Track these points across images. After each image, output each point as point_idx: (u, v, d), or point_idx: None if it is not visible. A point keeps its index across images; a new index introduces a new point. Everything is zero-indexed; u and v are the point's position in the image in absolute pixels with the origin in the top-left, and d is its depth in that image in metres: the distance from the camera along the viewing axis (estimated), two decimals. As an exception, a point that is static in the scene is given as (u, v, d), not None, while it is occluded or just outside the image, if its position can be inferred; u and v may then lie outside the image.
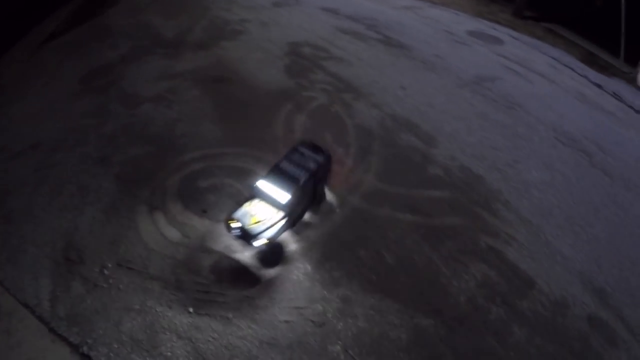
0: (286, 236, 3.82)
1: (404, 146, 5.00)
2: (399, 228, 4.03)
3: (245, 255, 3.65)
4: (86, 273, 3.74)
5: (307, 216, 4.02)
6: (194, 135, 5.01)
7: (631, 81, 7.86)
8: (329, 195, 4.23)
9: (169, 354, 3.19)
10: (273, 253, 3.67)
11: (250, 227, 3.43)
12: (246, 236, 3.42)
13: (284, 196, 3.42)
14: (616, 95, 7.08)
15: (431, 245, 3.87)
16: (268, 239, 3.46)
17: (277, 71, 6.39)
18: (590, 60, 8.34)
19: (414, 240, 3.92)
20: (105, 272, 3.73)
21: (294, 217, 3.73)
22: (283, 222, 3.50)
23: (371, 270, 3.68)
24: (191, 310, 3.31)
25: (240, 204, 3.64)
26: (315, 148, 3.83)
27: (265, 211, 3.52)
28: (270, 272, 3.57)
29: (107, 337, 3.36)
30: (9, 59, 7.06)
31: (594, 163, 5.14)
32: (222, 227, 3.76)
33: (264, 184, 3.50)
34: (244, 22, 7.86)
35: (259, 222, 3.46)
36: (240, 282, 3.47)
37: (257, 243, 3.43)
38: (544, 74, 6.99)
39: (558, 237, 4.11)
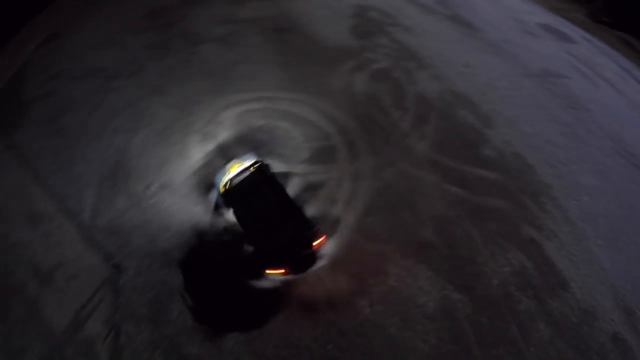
0: (334, 182, 3.80)
1: (461, 122, 4.78)
2: (445, 199, 3.90)
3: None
4: (131, 190, 3.79)
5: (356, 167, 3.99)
6: (252, 77, 4.99)
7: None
8: None
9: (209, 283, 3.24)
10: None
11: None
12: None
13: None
14: (682, 119, 6.67)
15: (473, 223, 3.73)
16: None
17: (342, 30, 6.21)
18: (660, 79, 7.85)
19: (457, 214, 3.78)
20: (149, 191, 3.77)
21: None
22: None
23: (410, 234, 3.60)
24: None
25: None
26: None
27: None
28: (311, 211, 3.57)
29: (140, 251, 3.41)
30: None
31: (649, 182, 4.86)
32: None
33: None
34: (312, -22, 7.65)
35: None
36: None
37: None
38: (612, 82, 6.58)
39: (600, 247, 3.86)
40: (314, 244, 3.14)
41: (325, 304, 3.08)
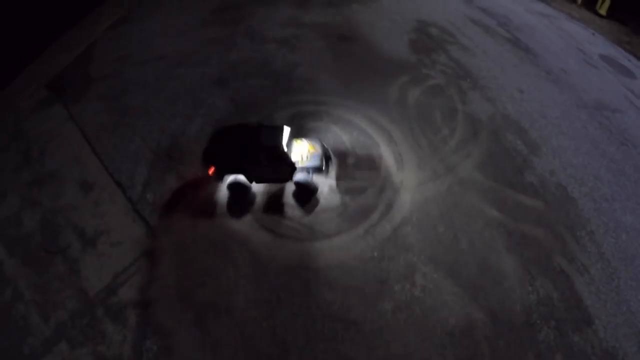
0: (376, 189, 3.95)
1: (508, 146, 4.76)
2: (482, 220, 3.93)
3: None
4: (182, 171, 4.02)
5: (400, 177, 4.09)
6: (310, 81, 5.18)
7: None
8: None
9: (238, 263, 3.40)
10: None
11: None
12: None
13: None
14: None
15: (507, 247, 3.74)
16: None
17: (401, 43, 6.30)
18: None
19: (492, 235, 3.80)
20: (199, 174, 3.98)
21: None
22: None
23: (443, 248, 3.66)
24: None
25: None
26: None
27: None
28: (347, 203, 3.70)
29: (183, 231, 3.61)
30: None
31: (692, 233, 4.67)
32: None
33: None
34: (378, -9, 7.75)
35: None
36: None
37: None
38: (669, 122, 6.34)
39: (632, 289, 3.76)
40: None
41: (350, 302, 3.18)
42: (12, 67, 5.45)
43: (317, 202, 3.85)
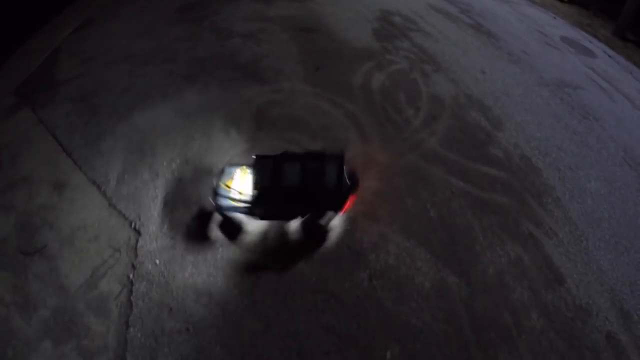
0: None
1: (472, 123, 4.95)
2: (449, 190, 4.07)
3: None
4: (155, 165, 4.08)
5: (366, 158, 4.21)
6: (277, 71, 5.26)
7: None
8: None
9: (219, 250, 3.49)
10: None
11: (223, 190, 3.25)
12: (215, 195, 3.26)
13: (251, 188, 3.07)
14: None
15: (475, 214, 3.90)
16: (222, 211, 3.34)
17: (365, 32, 6.48)
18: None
19: (460, 204, 3.95)
20: (173, 165, 4.06)
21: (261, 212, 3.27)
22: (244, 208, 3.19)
23: (413, 218, 3.78)
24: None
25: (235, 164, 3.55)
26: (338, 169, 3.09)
27: (244, 185, 3.24)
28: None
29: (160, 218, 3.68)
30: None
31: (658, 195, 4.91)
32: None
33: (259, 162, 3.11)
34: (341, -18, 7.98)
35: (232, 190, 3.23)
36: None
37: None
38: (630, 97, 6.62)
39: (599, 249, 3.96)
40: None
41: (326, 274, 3.29)
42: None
43: None
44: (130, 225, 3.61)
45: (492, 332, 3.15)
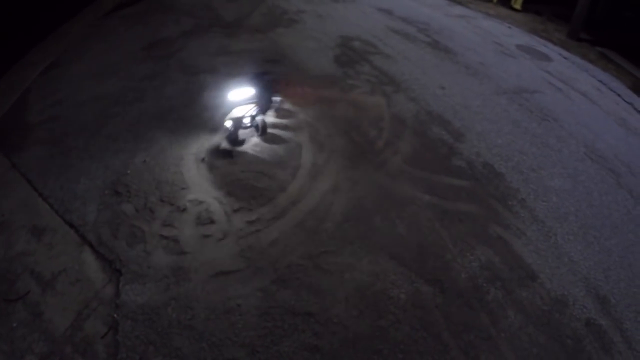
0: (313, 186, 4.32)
1: (433, 138, 5.34)
2: (415, 205, 4.39)
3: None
4: (131, 204, 4.29)
5: (335, 181, 4.53)
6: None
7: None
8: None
9: (199, 283, 3.67)
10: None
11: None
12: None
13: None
14: (661, 126, 7.06)
15: (443, 225, 4.20)
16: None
17: (327, 59, 6.96)
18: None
19: (427, 217, 4.26)
20: (149, 205, 4.27)
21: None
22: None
23: (382, 235, 4.07)
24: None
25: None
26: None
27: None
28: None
29: (139, 259, 3.85)
30: (74, 23, 7.94)
31: (621, 183, 5.19)
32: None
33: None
34: (300, 13, 8.54)
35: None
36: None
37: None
38: (586, 94, 7.08)
39: (569, 241, 4.25)
40: None
41: (303, 296, 3.51)
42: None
43: None
44: (111, 265, 3.76)
45: (470, 334, 3.38)
